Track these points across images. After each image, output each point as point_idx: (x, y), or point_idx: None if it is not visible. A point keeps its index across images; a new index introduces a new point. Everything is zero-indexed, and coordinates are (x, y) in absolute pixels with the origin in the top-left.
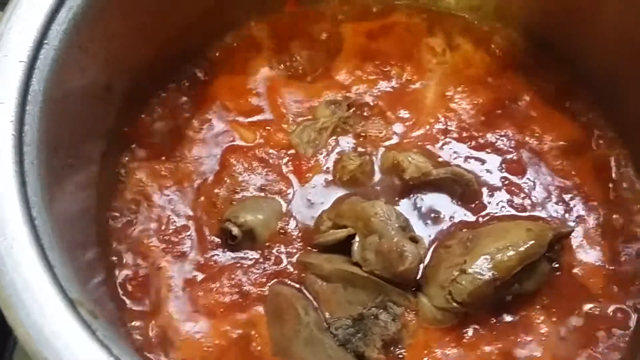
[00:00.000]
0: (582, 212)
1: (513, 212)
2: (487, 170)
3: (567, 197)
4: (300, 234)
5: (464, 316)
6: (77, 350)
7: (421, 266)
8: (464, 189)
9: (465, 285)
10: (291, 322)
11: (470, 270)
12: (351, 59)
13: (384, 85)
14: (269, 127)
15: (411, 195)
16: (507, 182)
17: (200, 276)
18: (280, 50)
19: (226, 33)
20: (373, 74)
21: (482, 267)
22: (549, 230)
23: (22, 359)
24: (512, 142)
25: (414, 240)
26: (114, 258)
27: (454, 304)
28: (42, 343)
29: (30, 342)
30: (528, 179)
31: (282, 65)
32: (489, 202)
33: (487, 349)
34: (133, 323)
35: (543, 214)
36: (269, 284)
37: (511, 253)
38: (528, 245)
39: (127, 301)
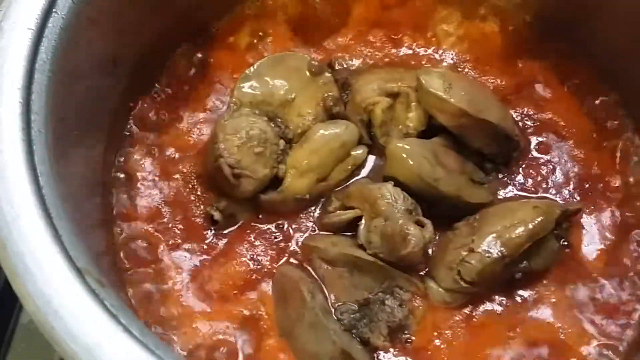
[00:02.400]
0: (600, 200)
1: (525, 193)
2: None
3: (585, 184)
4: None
5: (474, 296)
6: (84, 319)
7: (429, 251)
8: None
9: (474, 264)
10: (295, 305)
11: (478, 249)
12: (359, 33)
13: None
14: None
15: None
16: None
17: (203, 257)
18: (285, 27)
19: (232, 9)
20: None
21: (490, 246)
22: (556, 207)
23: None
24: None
25: (420, 224)
26: (119, 232)
27: (464, 284)
28: (49, 312)
29: (37, 311)
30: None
31: (288, 40)
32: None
33: (497, 327)
34: (137, 299)
35: (556, 197)
36: (277, 265)
37: (519, 230)
38: (536, 222)
39: (131, 277)
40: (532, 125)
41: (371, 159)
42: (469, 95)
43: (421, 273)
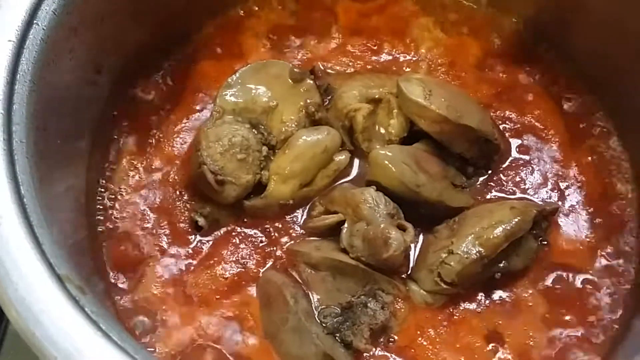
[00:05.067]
0: (574, 202)
1: (504, 195)
2: None
3: (563, 185)
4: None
5: (455, 296)
6: (65, 325)
7: (411, 254)
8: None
9: (453, 265)
10: (279, 309)
11: (457, 251)
12: (340, 41)
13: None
14: None
15: None
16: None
17: (188, 262)
18: (268, 35)
19: (215, 16)
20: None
21: (469, 247)
22: (532, 207)
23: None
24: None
25: (402, 227)
26: (102, 238)
27: (444, 285)
28: (30, 319)
29: (18, 318)
30: (529, 162)
31: (269, 49)
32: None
33: (478, 325)
34: (121, 304)
35: (535, 198)
36: (262, 270)
37: (497, 231)
38: (513, 222)
39: (114, 283)
40: (512, 128)
41: (355, 164)
42: (448, 101)
43: (403, 276)
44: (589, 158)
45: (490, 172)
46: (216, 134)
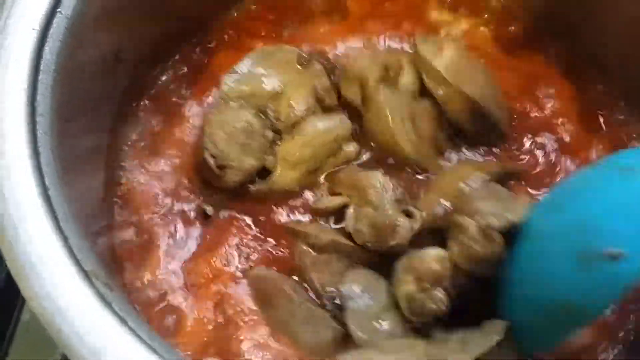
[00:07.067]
0: None
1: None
2: None
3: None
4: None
5: None
6: (92, 321)
7: None
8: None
9: None
10: (283, 304)
11: None
12: (353, 27)
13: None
14: None
15: None
16: None
17: (196, 249)
18: (282, 22)
19: (233, 6)
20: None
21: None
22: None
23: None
24: None
25: (409, 214)
26: (117, 229)
27: None
28: (56, 314)
29: (44, 313)
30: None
31: (282, 37)
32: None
33: None
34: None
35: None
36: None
37: None
38: None
39: (130, 279)
40: (528, 119)
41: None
42: (457, 65)
43: None
44: (609, 151)
45: (491, 157)
46: (220, 120)
